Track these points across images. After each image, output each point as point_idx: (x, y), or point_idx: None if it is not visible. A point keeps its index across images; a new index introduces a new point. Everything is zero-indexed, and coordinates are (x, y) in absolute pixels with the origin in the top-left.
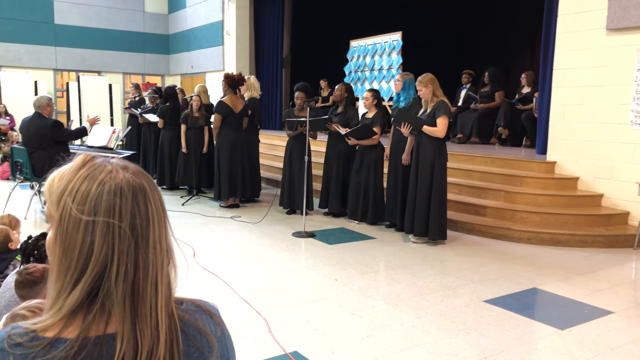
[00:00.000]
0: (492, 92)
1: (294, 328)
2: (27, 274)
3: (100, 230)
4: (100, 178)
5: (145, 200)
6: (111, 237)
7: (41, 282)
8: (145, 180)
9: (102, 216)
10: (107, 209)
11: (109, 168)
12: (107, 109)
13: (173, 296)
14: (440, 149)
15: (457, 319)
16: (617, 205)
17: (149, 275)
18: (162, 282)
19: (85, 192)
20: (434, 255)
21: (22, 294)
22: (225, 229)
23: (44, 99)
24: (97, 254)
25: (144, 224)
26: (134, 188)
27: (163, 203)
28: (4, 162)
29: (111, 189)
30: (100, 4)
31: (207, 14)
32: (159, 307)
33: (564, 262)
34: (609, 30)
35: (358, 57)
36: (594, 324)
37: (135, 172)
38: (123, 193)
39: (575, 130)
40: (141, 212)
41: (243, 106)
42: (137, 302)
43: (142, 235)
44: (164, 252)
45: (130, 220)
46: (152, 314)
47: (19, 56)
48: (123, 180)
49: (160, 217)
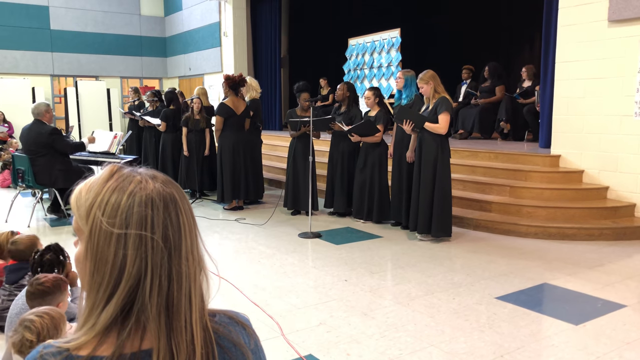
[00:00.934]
0: (492, 87)
1: (306, 331)
2: (38, 284)
3: (133, 243)
4: (130, 189)
5: (177, 210)
6: (144, 249)
7: (52, 292)
8: (175, 189)
9: (134, 229)
10: (139, 221)
11: (138, 178)
12: (105, 113)
13: (206, 308)
14: (442, 146)
15: (470, 317)
16: (623, 197)
17: (183, 287)
18: (195, 294)
19: (115, 204)
20: (442, 253)
21: (33, 305)
22: (231, 232)
23: (42, 105)
24: (130, 267)
25: (176, 235)
26: (165, 198)
27: (193, 212)
28: (4, 170)
29: (142, 200)
30: (96, 8)
31: (203, 16)
32: (194, 320)
33: (573, 256)
34: (611, 21)
35: (357, 55)
36: (608, 318)
37: (165, 181)
38: (154, 204)
39: (579, 123)
40: (173, 223)
41: (245, 107)
42: (172, 315)
43: (174, 246)
44: (196, 263)
45: (163, 232)
46: (187, 327)
47: (15, 63)
48: (154, 190)
49: (192, 226)
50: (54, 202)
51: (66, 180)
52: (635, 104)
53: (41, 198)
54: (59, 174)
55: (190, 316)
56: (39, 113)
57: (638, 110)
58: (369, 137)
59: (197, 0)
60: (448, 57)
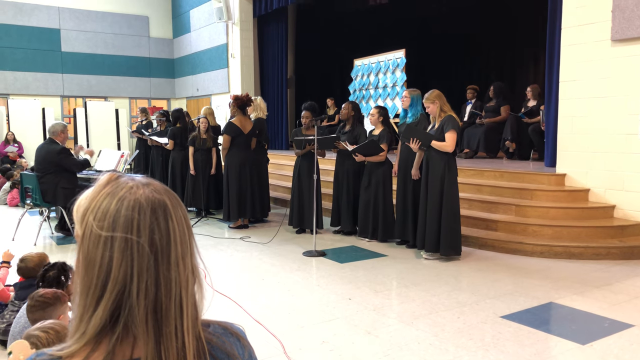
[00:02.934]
0: (497, 107)
1: (310, 349)
2: (38, 297)
3: (119, 246)
4: (120, 194)
5: (166, 216)
6: (129, 253)
7: (53, 303)
8: (167, 196)
9: (120, 232)
10: (125, 224)
11: (130, 185)
12: (114, 133)
13: (200, 318)
14: (449, 164)
15: (475, 336)
16: (629, 216)
17: (173, 293)
18: (187, 302)
19: (105, 208)
20: (447, 272)
21: (34, 318)
22: (235, 250)
23: (59, 125)
24: (117, 270)
25: (163, 240)
26: (154, 203)
27: (188, 221)
28: (13, 188)
29: (130, 204)
30: (106, 31)
31: (211, 38)
32: (185, 327)
33: (580, 275)
34: (614, 41)
35: (362, 76)
36: (615, 337)
37: (158, 188)
38: (142, 208)
39: (584, 141)
40: (161, 228)
41: (252, 127)
42: (161, 321)
43: (162, 251)
44: (188, 271)
45: (149, 236)
46: (178, 335)
47: (27, 84)
48: (142, 195)
49: (184, 234)
50: (61, 220)
51: (68, 199)
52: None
53: (48, 216)
54: (62, 191)
55: (181, 324)
56: (54, 132)
57: None
58: (373, 157)
59: (205, 23)
60: (453, 77)
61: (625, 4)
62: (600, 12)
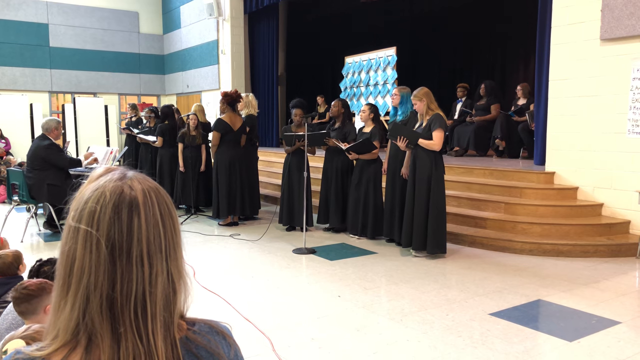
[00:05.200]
0: (488, 105)
1: (298, 347)
2: (22, 289)
3: (82, 237)
4: (94, 187)
5: (131, 212)
6: (89, 245)
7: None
8: (142, 194)
9: (84, 223)
10: (88, 216)
11: (110, 177)
12: (103, 130)
13: (176, 323)
14: (436, 162)
15: (463, 333)
16: (617, 214)
17: (132, 292)
18: (152, 303)
19: (79, 199)
20: (436, 269)
21: (20, 310)
22: (225, 247)
23: (53, 122)
24: (80, 262)
25: (122, 236)
26: (121, 197)
27: (170, 221)
28: (0, 185)
29: (96, 197)
30: (95, 26)
31: (201, 34)
32: (150, 330)
33: (568, 272)
34: (603, 40)
35: (353, 73)
36: (602, 334)
37: (135, 185)
38: (105, 201)
39: (573, 140)
40: (122, 223)
41: (241, 124)
42: (117, 319)
43: (119, 247)
44: (155, 272)
45: (107, 230)
46: (143, 337)
47: (14, 79)
48: (109, 188)
49: (157, 234)
50: (49, 217)
51: (53, 196)
52: (628, 122)
53: (35, 213)
54: (48, 188)
55: (145, 325)
56: (47, 128)
57: (631, 128)
58: (366, 155)
59: (196, 19)
60: (443, 75)
61: (614, 3)
62: (590, 11)
